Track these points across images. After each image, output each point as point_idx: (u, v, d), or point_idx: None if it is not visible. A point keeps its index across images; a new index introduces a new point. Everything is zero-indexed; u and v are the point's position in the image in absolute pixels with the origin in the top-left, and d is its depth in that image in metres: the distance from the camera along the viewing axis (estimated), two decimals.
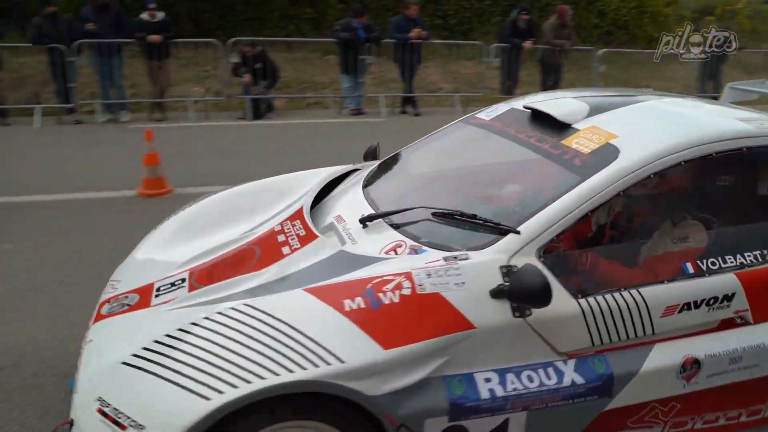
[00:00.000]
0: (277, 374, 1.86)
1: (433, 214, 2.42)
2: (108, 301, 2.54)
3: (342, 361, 1.90)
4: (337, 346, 1.93)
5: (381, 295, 2.05)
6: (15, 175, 6.58)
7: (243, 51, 9.96)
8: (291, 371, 1.87)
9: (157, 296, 2.43)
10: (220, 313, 2.07)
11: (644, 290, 2.24)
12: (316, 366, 1.88)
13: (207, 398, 1.83)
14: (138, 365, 1.98)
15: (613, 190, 2.26)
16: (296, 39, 12.82)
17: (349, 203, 2.84)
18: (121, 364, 2.02)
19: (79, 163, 7.23)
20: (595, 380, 2.17)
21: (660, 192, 2.71)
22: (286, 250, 2.51)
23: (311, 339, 1.94)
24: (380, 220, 2.52)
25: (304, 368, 1.87)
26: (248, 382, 1.85)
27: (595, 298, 2.18)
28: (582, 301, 2.17)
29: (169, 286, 2.48)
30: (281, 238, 2.62)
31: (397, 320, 2.02)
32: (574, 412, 2.18)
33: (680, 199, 2.76)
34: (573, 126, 2.63)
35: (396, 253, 2.32)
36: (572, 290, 2.17)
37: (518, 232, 2.20)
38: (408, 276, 2.10)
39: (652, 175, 2.32)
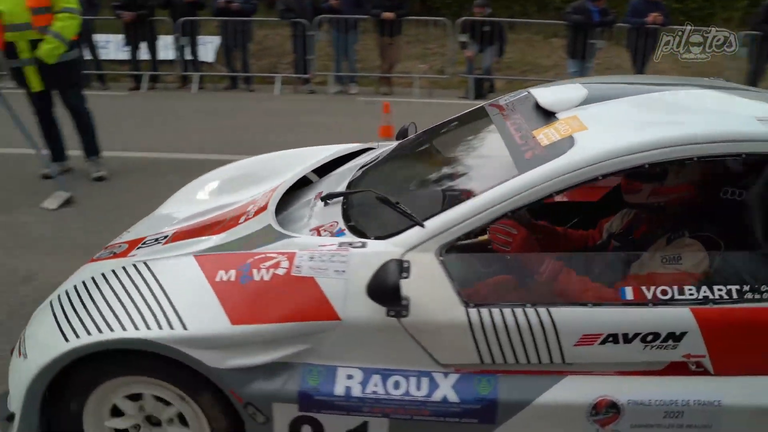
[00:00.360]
0: (125, 329, 1.93)
1: (377, 197, 2.30)
2: (106, 247, 2.81)
3: (185, 328, 1.92)
4: (188, 314, 1.95)
5: (255, 271, 2.01)
6: (255, 136, 7.09)
7: (473, 12, 9.89)
8: (137, 329, 1.93)
9: (138, 248, 2.57)
10: (123, 267, 2.18)
11: (557, 311, 1.90)
12: (161, 328, 1.92)
13: (67, 340, 1.97)
14: (52, 305, 2.19)
15: (541, 191, 1.94)
16: (521, 20, 12.42)
17: (336, 181, 2.81)
18: (49, 302, 2.25)
19: (313, 129, 7.49)
20: (472, 402, 1.91)
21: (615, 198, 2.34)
22: (242, 219, 2.55)
23: (170, 302, 1.98)
24: (340, 199, 2.46)
25: (149, 328, 1.92)
26: (100, 331, 1.94)
27: (490, 310, 1.89)
28: (473, 311, 1.89)
29: (154, 241, 2.64)
30: (249, 207, 2.68)
31: (257, 298, 1.97)
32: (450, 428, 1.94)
33: (643, 209, 2.34)
34: (556, 115, 2.31)
35: (318, 234, 2.26)
36: (465, 298, 1.92)
37: (423, 226, 2.01)
38: (290, 256, 2.03)
39: (600, 177, 1.96)
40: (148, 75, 10.16)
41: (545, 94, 2.45)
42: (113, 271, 2.18)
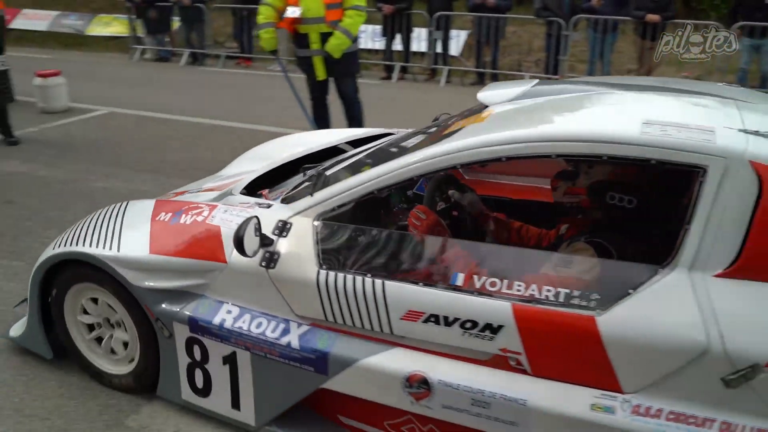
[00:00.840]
0: (83, 245, 2.54)
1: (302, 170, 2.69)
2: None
3: (118, 251, 2.47)
4: (124, 241, 2.53)
5: (184, 216, 2.52)
6: None
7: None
8: (90, 246, 2.54)
9: (175, 196, 3.17)
10: (121, 204, 2.82)
11: (389, 284, 2.08)
12: (103, 248, 2.51)
13: (54, 248, 2.65)
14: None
15: (401, 174, 2.15)
16: None
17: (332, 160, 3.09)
18: None
19: None
20: (309, 352, 2.19)
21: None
22: (232, 183, 3.03)
23: (119, 231, 2.58)
24: (311, 171, 2.63)
25: (97, 247, 2.52)
26: (70, 245, 2.60)
27: (336, 275, 2.15)
28: (322, 272, 2.17)
29: (188, 192, 3.24)
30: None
31: (175, 236, 2.47)
32: (292, 375, 2.25)
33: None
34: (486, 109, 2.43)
35: (266, 197, 2.65)
36: (321, 260, 2.19)
37: (312, 196, 2.31)
38: (212, 208, 2.49)
39: (459, 166, 2.14)
40: (400, 66, 10.59)
41: (490, 89, 2.57)
42: (114, 206, 2.81)
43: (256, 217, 2.20)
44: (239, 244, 2.11)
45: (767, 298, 1.74)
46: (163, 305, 2.44)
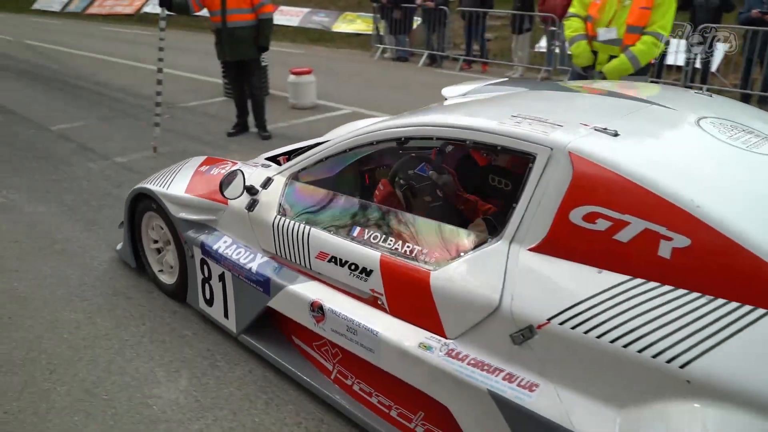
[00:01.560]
0: (148, 184, 3.51)
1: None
2: None
3: (167, 189, 3.38)
4: (174, 182, 3.40)
5: (215, 169, 3.35)
6: None
7: None
8: (153, 185, 3.47)
9: None
10: (190, 158, 3.78)
11: (313, 231, 2.65)
12: (160, 187, 3.41)
13: (138, 185, 3.65)
14: None
15: (339, 147, 2.74)
16: None
17: None
18: None
19: None
20: (261, 277, 2.84)
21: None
22: None
23: (174, 175, 3.48)
24: None
25: (157, 186, 3.43)
26: (143, 183, 3.57)
27: (284, 220, 2.77)
28: (277, 217, 2.80)
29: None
30: None
31: (203, 183, 3.29)
32: (253, 293, 2.91)
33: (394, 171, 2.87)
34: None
35: (281, 163, 3.39)
36: (279, 209, 2.82)
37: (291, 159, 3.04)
38: (233, 164, 3.30)
39: (375, 142, 2.63)
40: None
41: (453, 86, 3.28)
42: (187, 159, 3.78)
43: (240, 170, 2.91)
44: (220, 186, 2.85)
45: (556, 271, 1.97)
46: (189, 232, 3.25)
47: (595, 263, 1.91)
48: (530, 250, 2.04)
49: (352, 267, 2.49)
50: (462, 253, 2.20)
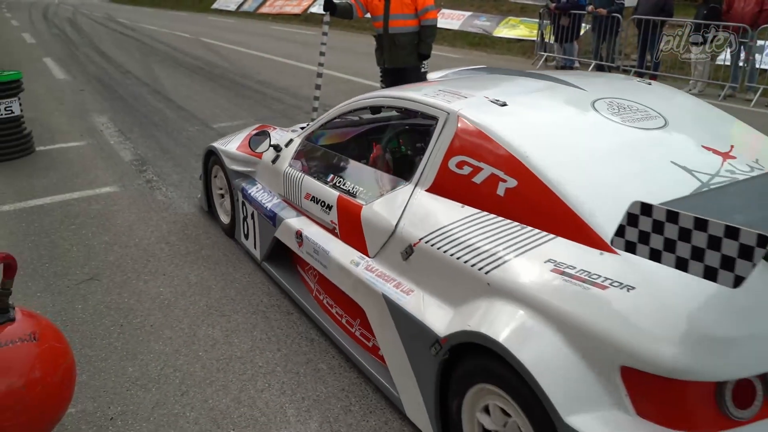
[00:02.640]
0: (217, 143, 4.52)
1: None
2: None
3: (225, 147, 4.34)
4: (231, 142, 4.37)
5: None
6: None
7: None
8: (219, 144, 4.45)
9: None
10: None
11: (305, 178, 3.40)
12: (220, 145, 4.42)
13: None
14: None
15: (332, 114, 3.52)
16: None
17: None
18: None
19: None
20: (271, 213, 3.61)
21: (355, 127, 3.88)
22: None
23: (234, 137, 4.46)
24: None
25: (219, 145, 4.45)
26: (214, 144, 4.54)
27: (291, 170, 3.57)
28: (287, 168, 3.61)
29: None
30: None
31: (247, 142, 3.91)
32: (267, 226, 3.69)
33: (364, 133, 3.82)
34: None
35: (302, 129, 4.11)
36: (290, 162, 3.61)
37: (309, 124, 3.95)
38: (274, 129, 4.37)
39: (354, 110, 3.45)
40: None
41: (439, 70, 4.04)
42: None
43: (268, 131, 3.82)
44: (249, 142, 3.75)
45: (435, 206, 2.54)
46: (236, 180, 4.12)
47: (460, 200, 2.47)
48: (426, 191, 2.63)
49: (322, 204, 3.19)
50: (384, 193, 2.84)
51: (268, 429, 2.60)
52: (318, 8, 24.20)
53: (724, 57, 10.12)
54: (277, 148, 3.76)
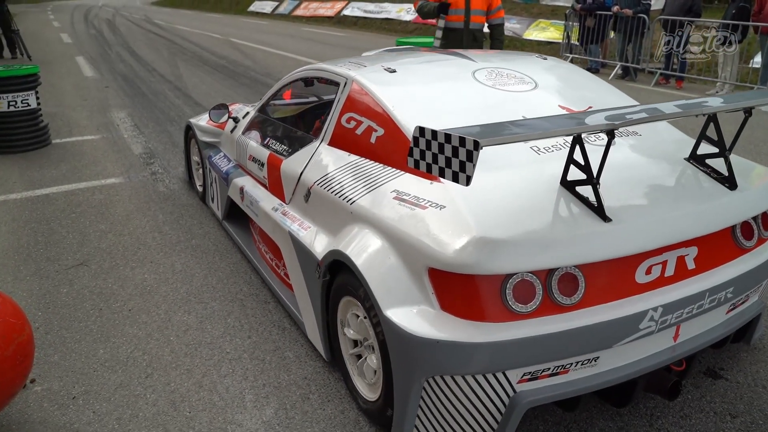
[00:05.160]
0: (193, 119, 5.10)
1: None
2: None
3: (198, 121, 4.91)
4: (204, 117, 4.87)
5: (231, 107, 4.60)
6: None
7: None
8: (195, 120, 5.02)
9: None
10: None
11: (250, 143, 3.84)
12: (194, 120, 4.99)
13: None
14: None
15: (275, 88, 4.06)
16: None
17: None
18: None
19: None
20: (226, 174, 4.11)
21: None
22: None
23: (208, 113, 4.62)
24: None
25: (194, 119, 5.03)
26: (190, 119, 5.10)
27: (241, 136, 4.05)
28: (239, 135, 4.09)
29: None
30: None
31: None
32: (223, 187, 4.19)
33: (300, 103, 4.24)
34: None
35: None
36: (243, 129, 4.09)
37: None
38: (240, 104, 4.82)
39: (289, 82, 3.91)
40: None
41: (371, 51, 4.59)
42: None
43: (226, 104, 4.34)
44: (209, 113, 4.28)
45: (330, 156, 2.98)
46: (206, 150, 4.67)
47: (348, 150, 2.90)
48: (328, 144, 3.06)
49: (258, 162, 3.65)
50: (299, 148, 3.25)
51: (224, 413, 2.61)
52: (350, 11, 24.35)
53: (752, 60, 9.86)
54: (235, 120, 4.28)
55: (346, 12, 24.58)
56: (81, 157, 6.35)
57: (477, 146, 1.66)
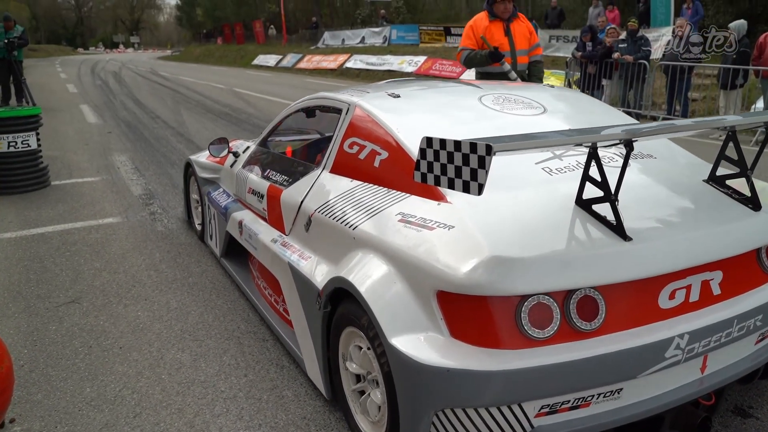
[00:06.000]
0: (193, 155, 5.02)
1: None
2: None
3: (197, 157, 4.82)
4: (203, 153, 4.81)
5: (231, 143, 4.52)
6: None
7: None
8: (193, 156, 4.99)
9: None
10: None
11: (249, 176, 3.74)
12: (194, 156, 4.93)
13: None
14: None
15: (275, 122, 4.01)
16: None
17: None
18: None
19: None
20: (225, 209, 3.99)
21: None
22: None
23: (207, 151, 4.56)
24: None
25: (194, 156, 4.99)
26: (190, 156, 5.07)
27: (241, 171, 3.95)
28: (239, 170, 3.97)
29: None
30: None
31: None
32: (222, 221, 4.05)
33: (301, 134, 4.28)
34: None
35: None
36: (243, 164, 3.99)
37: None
38: (236, 141, 4.78)
39: (301, 110, 3.73)
40: None
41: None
42: None
43: (226, 138, 4.27)
44: (209, 147, 4.17)
45: (330, 182, 2.88)
46: (205, 186, 4.55)
47: (350, 175, 2.80)
48: (329, 172, 2.96)
49: (257, 194, 3.54)
50: (300, 177, 3.15)
51: None
52: (353, 63, 24.71)
53: (754, 105, 9.86)
54: (236, 154, 4.22)
55: (349, 64, 24.93)
56: (79, 197, 6.26)
57: (490, 151, 1.57)
